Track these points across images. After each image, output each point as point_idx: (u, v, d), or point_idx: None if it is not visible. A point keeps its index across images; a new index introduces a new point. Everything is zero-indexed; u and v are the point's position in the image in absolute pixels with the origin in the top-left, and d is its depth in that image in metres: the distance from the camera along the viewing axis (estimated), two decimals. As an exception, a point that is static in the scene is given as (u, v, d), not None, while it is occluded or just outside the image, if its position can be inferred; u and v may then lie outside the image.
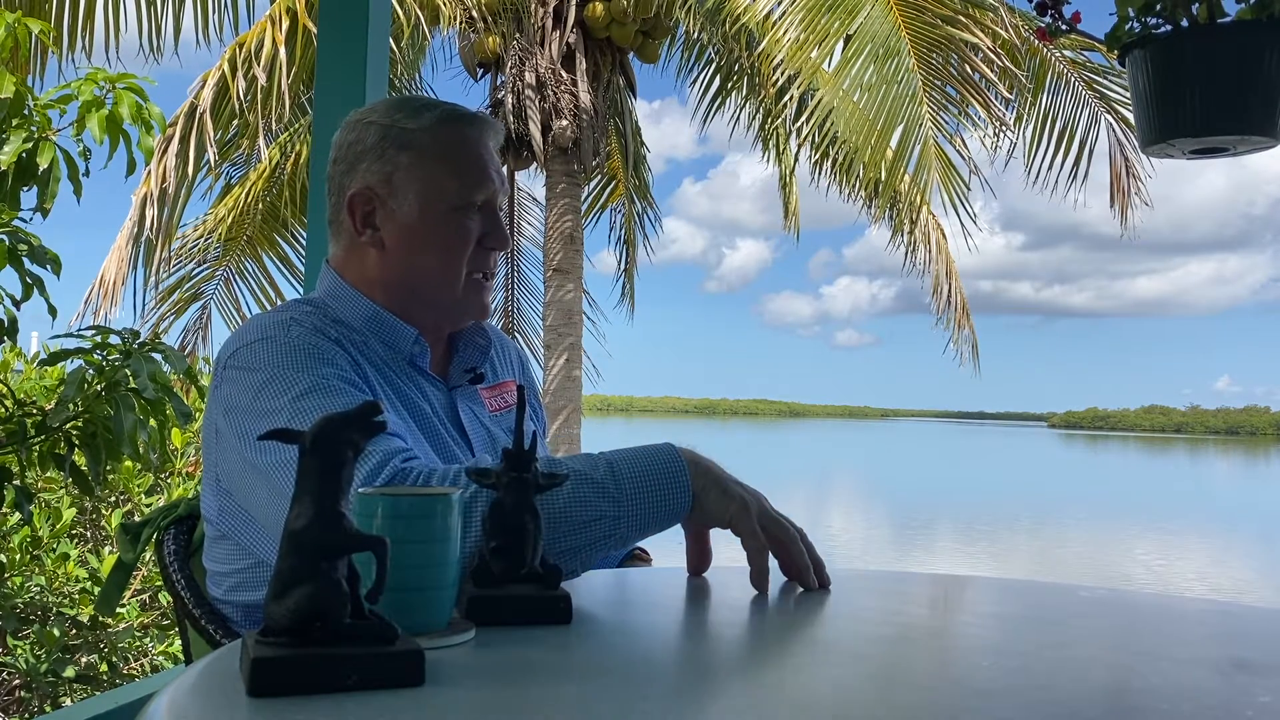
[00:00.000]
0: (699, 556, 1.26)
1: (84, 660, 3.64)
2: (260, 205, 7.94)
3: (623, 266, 10.19)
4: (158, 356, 2.41)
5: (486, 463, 1.17)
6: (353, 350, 1.33)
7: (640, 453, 1.19)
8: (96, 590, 3.57)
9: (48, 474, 3.14)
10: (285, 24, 6.32)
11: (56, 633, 3.52)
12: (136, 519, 1.61)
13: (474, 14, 8.13)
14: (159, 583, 3.76)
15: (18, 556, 3.56)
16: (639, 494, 1.15)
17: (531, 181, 9.98)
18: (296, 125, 7.64)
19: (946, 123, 6.44)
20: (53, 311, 2.44)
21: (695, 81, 8.90)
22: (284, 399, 1.21)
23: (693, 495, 1.17)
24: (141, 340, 2.43)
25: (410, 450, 1.19)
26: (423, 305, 1.42)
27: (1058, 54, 7.03)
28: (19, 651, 3.52)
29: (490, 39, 8.53)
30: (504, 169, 1.50)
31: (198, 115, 6.56)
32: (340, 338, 1.33)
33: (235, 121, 6.87)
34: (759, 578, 1.18)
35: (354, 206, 1.41)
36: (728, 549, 1.27)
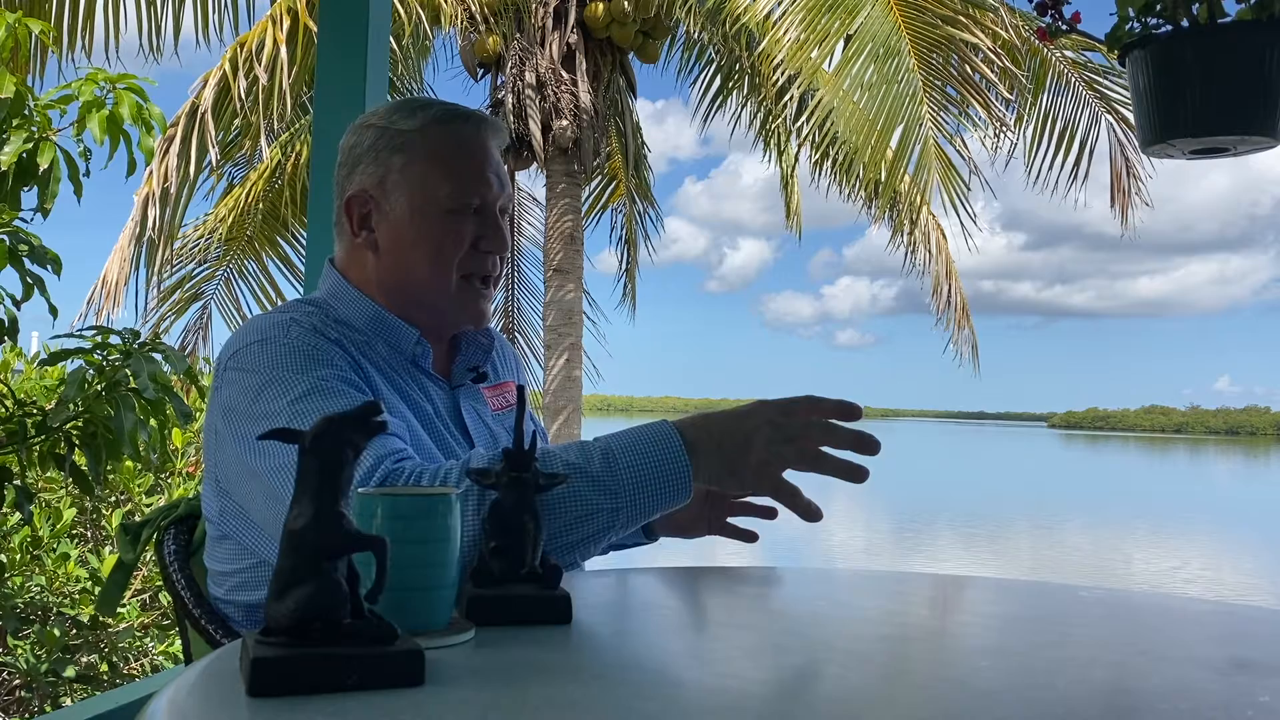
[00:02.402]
0: (747, 527, 1.29)
1: (84, 660, 3.64)
2: (261, 205, 7.95)
3: (624, 266, 10.20)
4: (158, 356, 2.41)
5: (480, 457, 1.17)
6: (354, 351, 1.32)
7: (637, 439, 1.15)
8: (96, 590, 3.57)
9: (48, 474, 3.14)
10: (286, 24, 6.32)
11: (57, 633, 3.52)
12: (136, 519, 1.61)
13: (474, 14, 8.13)
14: (159, 583, 3.76)
15: (18, 556, 3.56)
16: (636, 485, 1.12)
17: (532, 181, 9.99)
18: (296, 125, 7.65)
19: (947, 123, 6.44)
20: (53, 311, 2.44)
21: (695, 82, 8.91)
22: (282, 401, 1.21)
23: (693, 482, 1.13)
24: (142, 340, 2.43)
25: (404, 450, 1.19)
26: (417, 307, 1.41)
27: (1058, 54, 7.02)
28: (19, 651, 3.52)
29: (491, 39, 8.53)
30: (506, 169, 1.48)
31: (199, 115, 6.56)
32: (341, 338, 1.32)
33: (237, 121, 6.87)
34: (808, 514, 1.17)
35: (351, 208, 1.41)
36: (729, 550, 1.26)
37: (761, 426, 1.15)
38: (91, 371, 2.39)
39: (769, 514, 1.40)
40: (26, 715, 3.52)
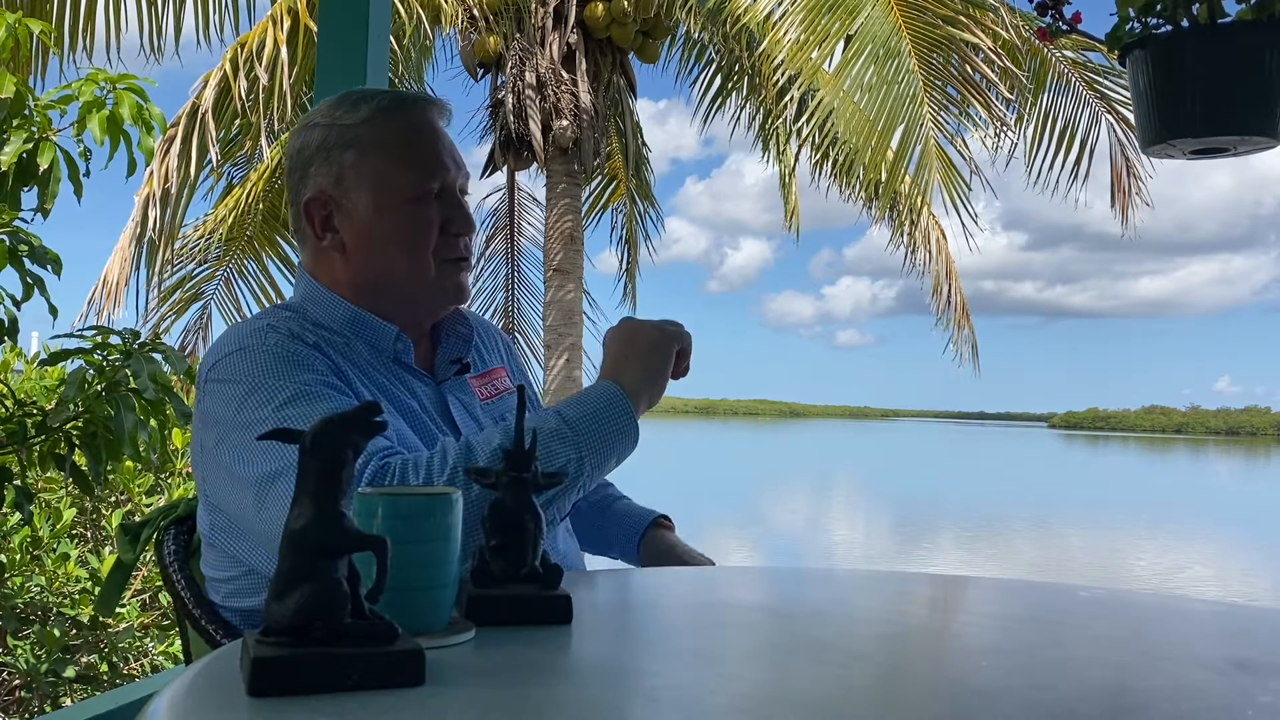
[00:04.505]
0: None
1: (84, 660, 3.64)
2: (260, 205, 7.94)
3: (624, 266, 10.19)
4: (158, 357, 2.41)
5: (452, 445, 1.19)
6: (333, 353, 1.31)
7: (578, 395, 1.27)
8: (97, 590, 3.57)
9: (48, 474, 3.14)
10: (286, 24, 6.32)
11: (57, 633, 3.52)
12: (136, 519, 1.61)
13: (475, 14, 8.13)
14: (159, 583, 3.76)
15: (18, 556, 3.56)
16: (592, 430, 1.21)
17: (532, 181, 9.99)
18: (296, 125, 7.64)
19: (947, 123, 6.44)
20: (53, 311, 2.45)
21: (696, 82, 8.91)
22: (266, 409, 1.20)
23: (632, 403, 1.26)
24: (142, 340, 2.44)
25: (390, 448, 1.20)
26: (396, 301, 1.39)
27: (1058, 54, 7.02)
28: (19, 651, 3.52)
29: (491, 39, 8.53)
30: (458, 149, 1.48)
31: (200, 115, 6.56)
32: (320, 341, 1.31)
33: (237, 121, 6.87)
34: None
35: (311, 212, 1.38)
36: (731, 553, 1.26)
37: (659, 348, 1.33)
38: (91, 371, 2.39)
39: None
40: (26, 715, 3.52)
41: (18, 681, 3.57)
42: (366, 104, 1.39)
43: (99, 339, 2.40)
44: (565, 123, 8.37)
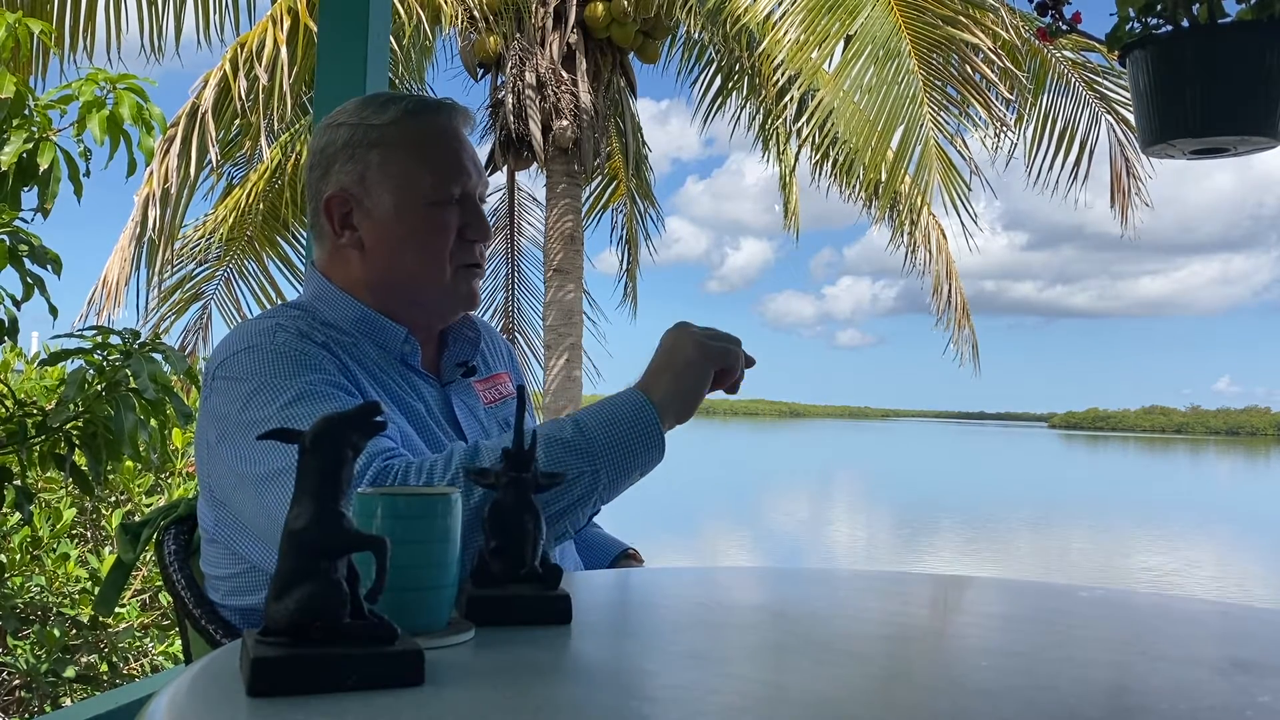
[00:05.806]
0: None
1: (84, 660, 3.64)
2: (261, 205, 7.94)
3: (624, 266, 10.20)
4: (158, 357, 2.41)
5: (461, 450, 1.18)
6: (341, 353, 1.31)
7: (602, 405, 1.23)
8: (97, 590, 3.57)
9: (48, 474, 3.14)
10: (286, 24, 6.33)
11: (57, 633, 3.52)
12: (136, 519, 1.61)
13: (475, 14, 8.13)
14: (159, 583, 3.76)
15: (18, 556, 3.56)
16: (610, 443, 1.19)
17: (532, 181, 9.99)
18: (296, 125, 7.65)
19: (947, 123, 6.44)
20: (53, 311, 2.45)
21: (696, 82, 8.92)
22: (272, 408, 1.21)
23: (659, 420, 1.22)
24: (142, 340, 2.44)
25: (393, 450, 1.20)
26: (409, 303, 1.40)
27: (1058, 54, 7.03)
28: (19, 651, 3.52)
29: (491, 39, 8.53)
30: (479, 156, 1.48)
31: (199, 115, 6.56)
32: (328, 340, 1.32)
33: (237, 122, 6.87)
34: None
35: (331, 209, 1.39)
36: (730, 553, 1.27)
37: (701, 364, 1.27)
38: (92, 372, 2.39)
39: None
40: (26, 715, 3.52)
41: (18, 681, 3.56)
42: (394, 105, 1.40)
43: (99, 339, 2.40)
44: (565, 123, 8.37)
